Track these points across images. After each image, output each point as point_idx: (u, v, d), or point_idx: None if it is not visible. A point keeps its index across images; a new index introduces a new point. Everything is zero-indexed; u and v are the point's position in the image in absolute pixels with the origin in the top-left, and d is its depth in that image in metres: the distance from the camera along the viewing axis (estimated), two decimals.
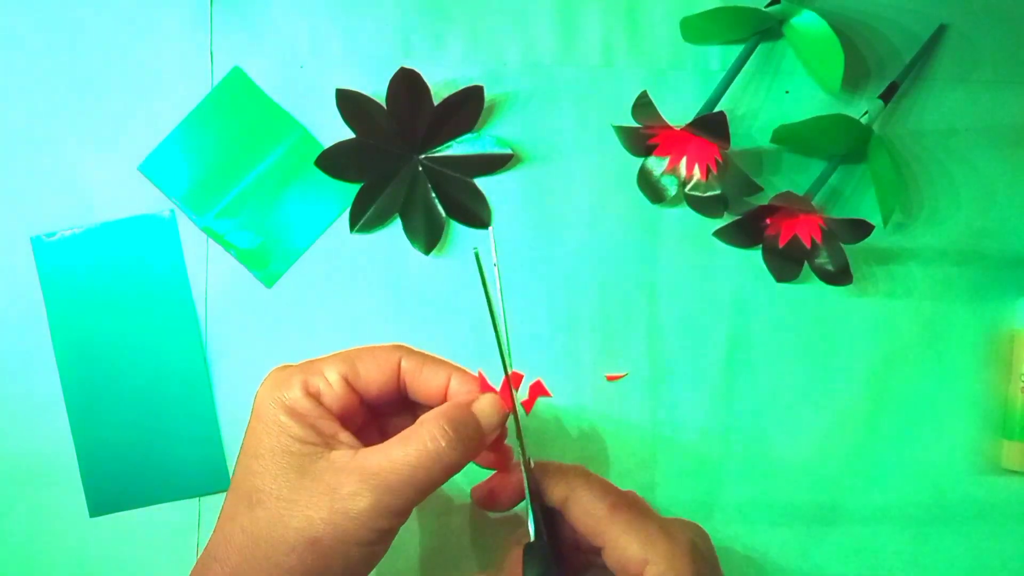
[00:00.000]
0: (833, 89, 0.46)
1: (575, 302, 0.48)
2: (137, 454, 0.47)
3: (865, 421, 0.48)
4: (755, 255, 0.48)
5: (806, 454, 0.48)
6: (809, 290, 0.48)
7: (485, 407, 0.37)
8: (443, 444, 0.34)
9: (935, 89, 0.49)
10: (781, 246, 0.47)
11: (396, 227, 0.48)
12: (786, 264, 0.48)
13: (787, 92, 0.49)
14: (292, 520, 0.33)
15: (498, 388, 0.39)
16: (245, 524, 0.34)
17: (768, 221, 0.47)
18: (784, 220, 0.47)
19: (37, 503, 0.46)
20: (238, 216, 0.48)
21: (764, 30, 0.47)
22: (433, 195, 0.48)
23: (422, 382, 0.38)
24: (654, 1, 0.49)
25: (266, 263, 0.48)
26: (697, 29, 0.48)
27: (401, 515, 0.35)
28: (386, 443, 0.35)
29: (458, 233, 0.48)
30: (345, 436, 0.36)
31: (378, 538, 0.34)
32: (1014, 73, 0.49)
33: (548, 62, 0.48)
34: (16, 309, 0.47)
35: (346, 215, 0.48)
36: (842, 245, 0.45)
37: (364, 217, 0.48)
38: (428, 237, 0.48)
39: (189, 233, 0.48)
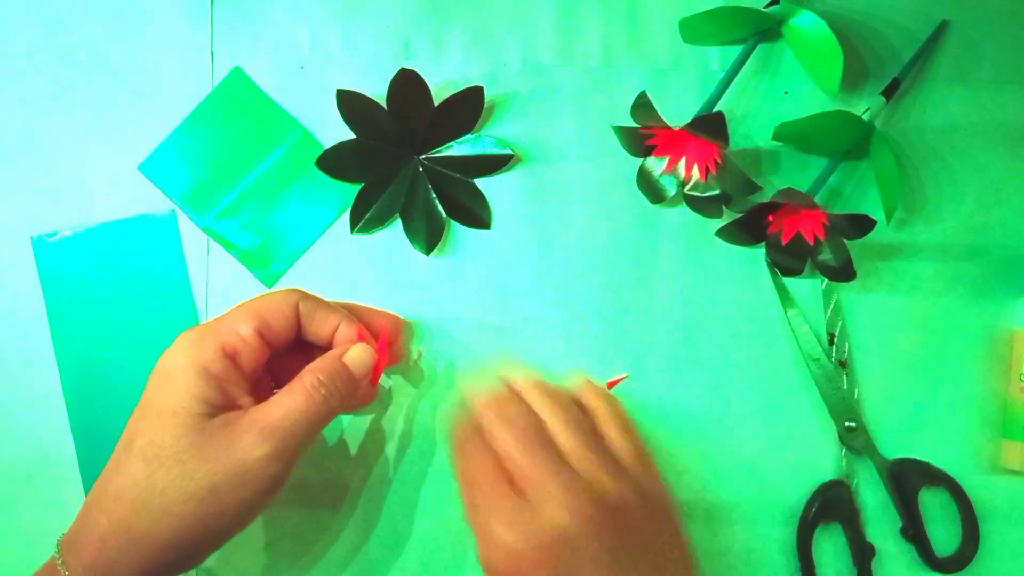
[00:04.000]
0: (832, 90, 0.46)
1: (575, 302, 0.48)
2: None
3: (865, 419, 0.48)
4: (756, 253, 0.49)
5: (807, 452, 0.48)
6: (811, 287, 0.48)
7: (355, 357, 0.41)
8: (323, 392, 0.39)
9: (936, 87, 0.49)
10: (784, 243, 0.47)
11: (396, 227, 0.48)
12: (789, 261, 0.48)
13: (786, 92, 0.49)
14: (192, 474, 0.36)
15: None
16: (139, 479, 0.36)
17: (771, 218, 0.47)
18: (787, 217, 0.47)
19: (37, 502, 0.46)
20: (239, 216, 0.48)
21: (763, 31, 0.48)
22: (433, 195, 0.48)
23: (315, 325, 0.41)
24: (654, 2, 0.49)
25: (267, 263, 0.48)
26: (696, 30, 0.48)
27: (292, 459, 0.38)
28: (274, 398, 0.38)
29: (458, 233, 0.48)
30: (246, 400, 0.39)
31: (271, 483, 0.37)
32: (1016, 72, 0.49)
33: (548, 62, 0.48)
34: (16, 309, 0.47)
35: (346, 215, 0.48)
36: (845, 241, 0.45)
37: (365, 217, 0.48)
38: (428, 237, 0.48)
39: (190, 233, 0.48)
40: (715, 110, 0.45)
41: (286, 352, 0.42)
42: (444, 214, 0.48)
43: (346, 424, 0.48)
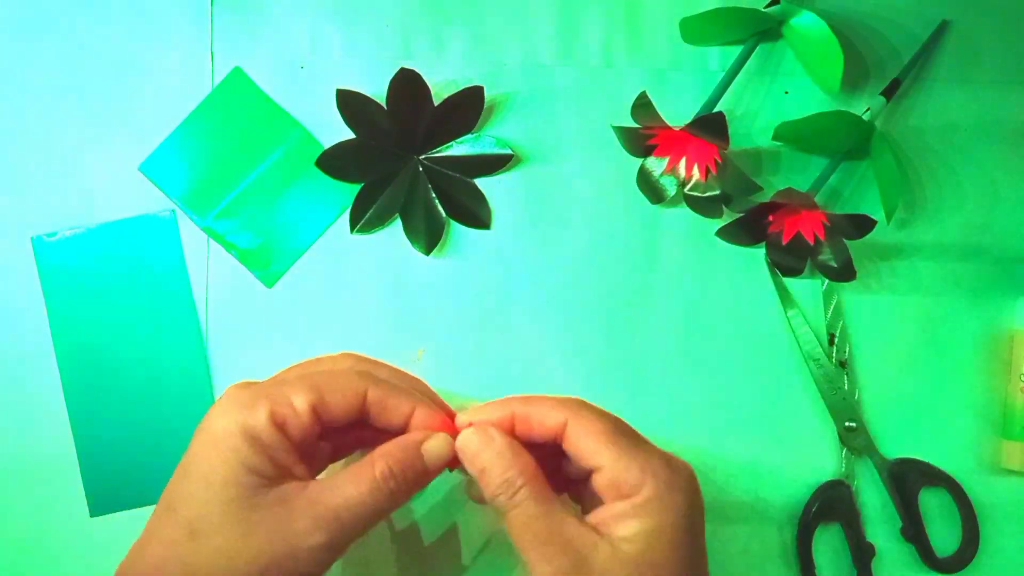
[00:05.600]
0: (832, 90, 0.46)
1: (575, 302, 0.48)
2: (137, 454, 0.47)
3: (865, 419, 0.48)
4: (756, 253, 0.49)
5: (807, 452, 0.48)
6: (812, 287, 0.48)
7: (434, 449, 0.37)
8: (392, 485, 0.35)
9: (936, 88, 0.49)
10: (784, 243, 0.47)
11: (396, 227, 0.48)
12: (790, 261, 0.48)
13: (786, 93, 0.49)
14: (240, 554, 0.33)
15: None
16: (183, 553, 0.33)
17: (771, 218, 0.47)
18: (787, 217, 0.47)
19: (37, 503, 0.46)
20: (239, 216, 0.48)
21: (763, 31, 0.48)
22: (433, 195, 0.48)
23: (386, 414, 0.37)
24: (654, 2, 0.49)
25: (267, 263, 0.48)
26: (696, 30, 0.48)
27: (345, 548, 0.35)
28: (337, 478, 0.35)
29: (458, 233, 0.48)
30: (299, 469, 0.35)
31: (320, 570, 0.34)
32: (1016, 72, 0.49)
33: (548, 62, 0.48)
34: (16, 309, 0.47)
35: (346, 215, 0.48)
36: (845, 241, 0.45)
37: (364, 217, 0.48)
38: (428, 237, 0.48)
39: (190, 233, 0.48)
40: (715, 110, 0.45)
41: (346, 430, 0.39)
42: (444, 214, 0.48)
43: None
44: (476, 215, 0.48)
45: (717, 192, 0.46)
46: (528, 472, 0.36)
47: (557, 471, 0.39)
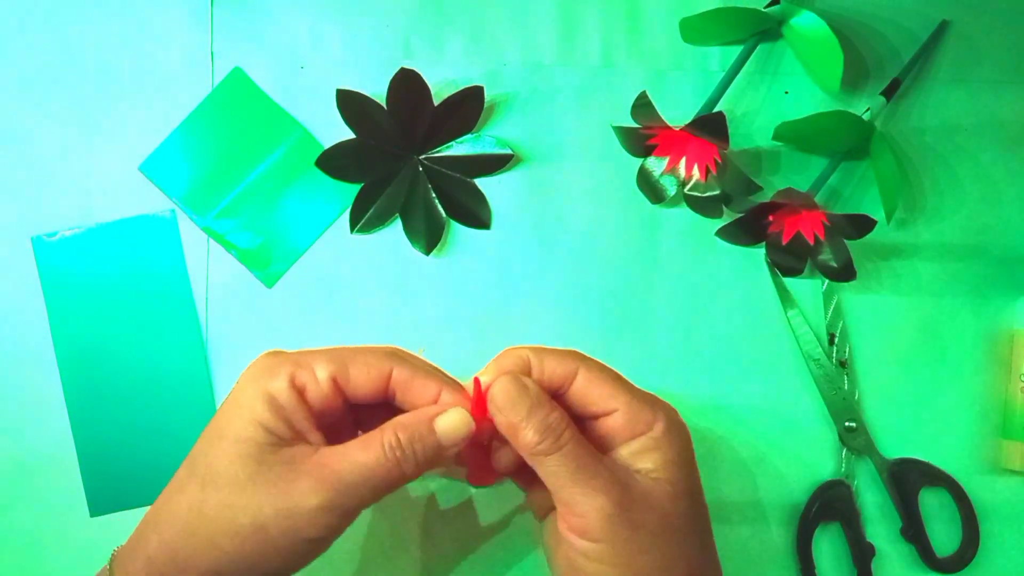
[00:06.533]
0: (832, 90, 0.46)
1: (575, 302, 0.48)
2: (137, 454, 0.47)
3: (865, 419, 0.48)
4: (756, 253, 0.49)
5: (807, 452, 0.48)
6: (812, 287, 0.49)
7: (447, 423, 0.36)
8: (398, 455, 0.35)
9: (936, 88, 0.49)
10: (784, 243, 0.47)
11: (396, 227, 0.48)
12: (790, 261, 0.48)
13: (786, 93, 0.49)
14: (242, 507, 0.34)
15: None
16: (193, 502, 0.34)
17: (771, 218, 0.47)
18: (787, 217, 0.47)
19: (37, 502, 0.46)
20: (239, 216, 0.48)
21: (763, 31, 0.48)
22: (433, 195, 0.48)
23: (412, 394, 0.38)
24: (654, 1, 0.49)
25: (267, 263, 0.48)
26: (697, 30, 0.48)
27: (350, 515, 0.35)
28: (347, 445, 0.35)
29: (458, 233, 0.48)
30: (314, 436, 0.36)
31: (325, 534, 0.35)
32: (1016, 72, 0.49)
33: (548, 62, 0.48)
34: (16, 309, 0.47)
35: (346, 215, 0.48)
36: (845, 241, 0.45)
37: (364, 217, 0.48)
38: (428, 237, 0.48)
39: (190, 233, 0.48)
40: (715, 110, 0.45)
41: (376, 409, 0.39)
42: (444, 214, 0.48)
43: None
44: (476, 215, 0.48)
45: (717, 192, 0.46)
46: (566, 416, 0.37)
47: None
